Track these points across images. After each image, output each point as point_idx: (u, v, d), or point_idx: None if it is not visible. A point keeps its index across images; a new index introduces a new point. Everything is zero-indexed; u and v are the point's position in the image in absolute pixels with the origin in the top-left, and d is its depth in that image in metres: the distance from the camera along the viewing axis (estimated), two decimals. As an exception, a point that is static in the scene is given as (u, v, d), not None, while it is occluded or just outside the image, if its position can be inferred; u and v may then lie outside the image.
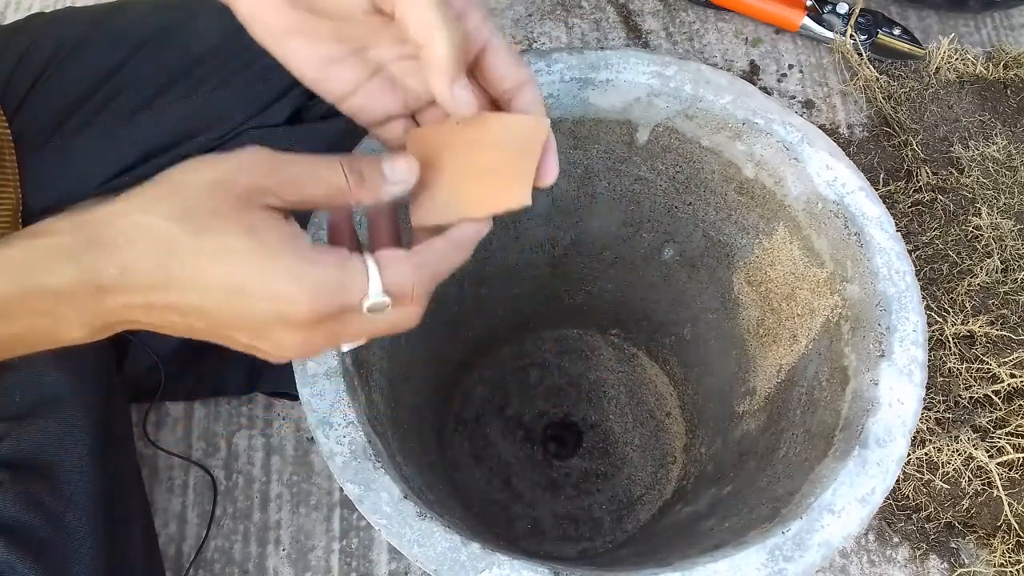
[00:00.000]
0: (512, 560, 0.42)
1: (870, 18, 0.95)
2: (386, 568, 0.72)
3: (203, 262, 0.33)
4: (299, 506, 0.74)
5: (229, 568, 0.72)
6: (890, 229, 0.52)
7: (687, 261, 0.67)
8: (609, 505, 0.75)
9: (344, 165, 0.35)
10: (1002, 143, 0.87)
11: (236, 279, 0.33)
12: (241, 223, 0.33)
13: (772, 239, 0.58)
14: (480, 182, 0.39)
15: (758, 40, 0.99)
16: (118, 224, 0.33)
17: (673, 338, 0.75)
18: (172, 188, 0.33)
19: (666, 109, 0.56)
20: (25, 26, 0.68)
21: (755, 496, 0.54)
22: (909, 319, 0.49)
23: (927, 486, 0.72)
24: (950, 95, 0.91)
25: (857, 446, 0.46)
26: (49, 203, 0.66)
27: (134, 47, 0.65)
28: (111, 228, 0.33)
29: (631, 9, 1.01)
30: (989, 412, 0.74)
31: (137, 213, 0.33)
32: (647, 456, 0.77)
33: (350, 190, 0.36)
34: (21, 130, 0.64)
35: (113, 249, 0.32)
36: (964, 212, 0.84)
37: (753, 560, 0.43)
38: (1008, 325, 0.77)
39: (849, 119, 0.94)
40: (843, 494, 0.45)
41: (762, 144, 0.55)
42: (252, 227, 0.33)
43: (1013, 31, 1.01)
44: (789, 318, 0.59)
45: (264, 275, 0.33)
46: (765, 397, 0.62)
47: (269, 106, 0.66)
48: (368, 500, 0.43)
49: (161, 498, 0.74)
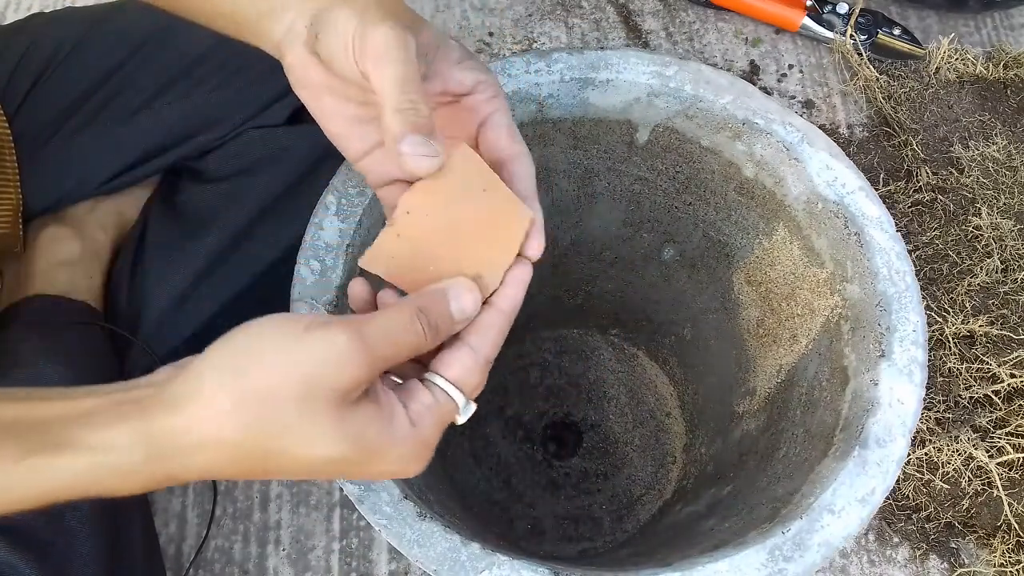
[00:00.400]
0: (512, 560, 0.42)
1: (870, 18, 0.95)
2: (386, 568, 0.72)
3: (290, 465, 0.33)
4: (299, 506, 0.74)
5: (229, 568, 0.72)
6: (890, 229, 0.52)
7: (687, 261, 0.67)
8: (609, 505, 0.76)
9: (424, 324, 0.35)
10: (1002, 143, 0.87)
11: (333, 473, 0.34)
12: (343, 434, 0.33)
13: (772, 239, 0.58)
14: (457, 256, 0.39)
15: (758, 40, 0.99)
16: (191, 439, 0.32)
17: (673, 338, 0.75)
18: (257, 398, 0.32)
19: (666, 109, 0.56)
20: (25, 26, 0.68)
21: (755, 496, 0.54)
22: (909, 319, 0.49)
23: (927, 486, 0.72)
24: (950, 95, 0.91)
25: (857, 446, 0.46)
26: (50, 203, 0.66)
27: (134, 47, 0.66)
28: (182, 441, 0.32)
29: (631, 9, 1.01)
30: (989, 412, 0.74)
31: (213, 429, 0.32)
32: (647, 456, 0.77)
33: (427, 344, 0.36)
34: (21, 130, 0.64)
35: (186, 460, 0.32)
36: (964, 212, 0.84)
37: (753, 560, 0.43)
38: (1008, 325, 0.77)
39: (849, 119, 0.94)
40: (843, 494, 0.45)
41: (762, 144, 0.55)
42: (355, 435, 0.33)
43: (1013, 31, 1.01)
44: (789, 318, 0.59)
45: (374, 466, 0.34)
46: (765, 397, 0.62)
47: (269, 106, 0.66)
48: (368, 500, 0.43)
49: (161, 498, 0.74)
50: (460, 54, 0.42)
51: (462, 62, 0.42)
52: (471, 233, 0.39)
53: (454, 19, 0.99)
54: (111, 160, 0.65)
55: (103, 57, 0.65)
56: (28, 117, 0.64)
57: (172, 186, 0.69)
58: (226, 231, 0.65)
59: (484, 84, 0.42)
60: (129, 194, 0.69)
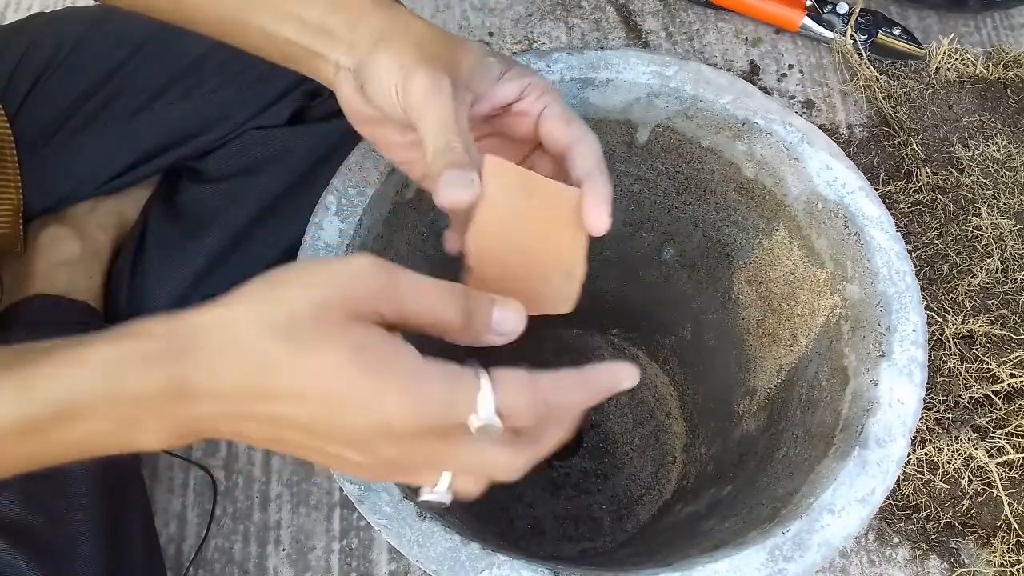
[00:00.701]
0: (512, 560, 0.42)
1: (870, 18, 0.95)
2: (386, 568, 0.72)
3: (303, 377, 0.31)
4: (299, 506, 0.74)
5: (229, 568, 0.72)
6: (890, 229, 0.52)
7: (687, 261, 0.67)
8: (609, 505, 0.76)
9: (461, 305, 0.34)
10: (1002, 143, 0.87)
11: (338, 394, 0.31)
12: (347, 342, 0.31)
13: (772, 239, 0.58)
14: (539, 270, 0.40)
15: (758, 40, 0.99)
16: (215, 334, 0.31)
17: (673, 338, 0.75)
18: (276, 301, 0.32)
19: (666, 109, 0.56)
20: (25, 26, 0.68)
21: (755, 496, 0.54)
22: (909, 319, 0.49)
23: (927, 486, 0.72)
24: (950, 95, 0.91)
25: (857, 446, 0.46)
26: (50, 203, 0.66)
27: (134, 47, 0.66)
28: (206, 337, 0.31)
29: (631, 9, 1.01)
30: (989, 412, 0.74)
31: (236, 324, 0.31)
32: (647, 456, 0.77)
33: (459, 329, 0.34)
34: (22, 130, 0.64)
35: (206, 357, 0.31)
36: (964, 212, 0.84)
37: (753, 560, 0.43)
38: (1008, 325, 0.77)
39: (849, 119, 0.94)
40: (843, 494, 0.45)
41: (762, 144, 0.55)
42: (358, 346, 0.31)
43: (1013, 31, 1.01)
44: (789, 318, 0.59)
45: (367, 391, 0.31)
46: (765, 397, 0.62)
47: (269, 107, 0.66)
48: (368, 500, 0.43)
49: (161, 498, 0.74)
50: (500, 68, 0.43)
51: (503, 76, 0.43)
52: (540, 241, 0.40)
53: (454, 19, 0.99)
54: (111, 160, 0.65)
55: (104, 57, 0.65)
56: (28, 117, 0.64)
57: (172, 186, 0.69)
58: (226, 231, 0.65)
59: (531, 87, 0.43)
60: (129, 194, 0.69)
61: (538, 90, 0.43)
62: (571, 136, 0.42)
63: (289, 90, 0.66)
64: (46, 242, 0.66)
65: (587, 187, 0.41)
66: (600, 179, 0.41)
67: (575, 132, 0.43)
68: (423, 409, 0.31)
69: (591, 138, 0.43)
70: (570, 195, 0.40)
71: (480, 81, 0.43)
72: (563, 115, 0.43)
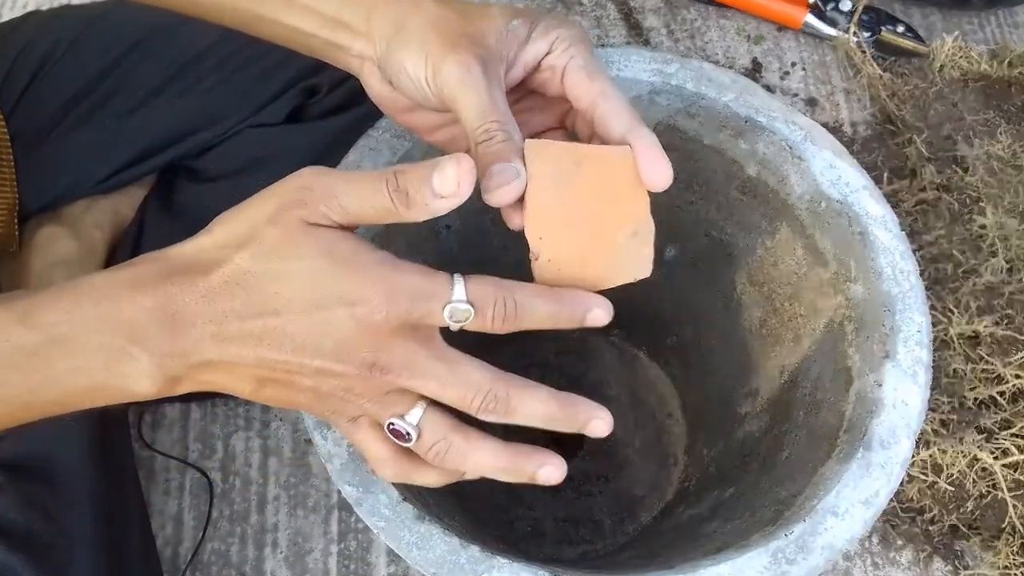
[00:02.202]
0: (512, 563, 0.42)
1: (873, 15, 0.95)
2: (384, 571, 0.72)
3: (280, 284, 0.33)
4: (296, 508, 0.74)
5: (226, 571, 0.71)
6: (894, 228, 0.51)
7: (689, 261, 0.67)
8: (610, 507, 0.75)
9: (388, 183, 0.34)
10: (1007, 141, 0.87)
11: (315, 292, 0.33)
12: (315, 246, 0.34)
13: (775, 238, 0.58)
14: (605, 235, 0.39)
15: (760, 37, 0.99)
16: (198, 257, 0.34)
17: (675, 339, 0.75)
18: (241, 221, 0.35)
19: (668, 107, 0.55)
20: (21, 24, 0.67)
21: (758, 498, 0.54)
22: (913, 319, 0.49)
23: (931, 488, 0.72)
24: (954, 93, 0.90)
25: (861, 448, 0.46)
26: (46, 202, 0.66)
27: (131, 45, 0.65)
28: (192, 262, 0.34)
29: (632, 6, 1.00)
30: (994, 413, 0.73)
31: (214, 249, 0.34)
32: (648, 458, 0.77)
33: (396, 210, 0.34)
34: (18, 129, 0.63)
35: (192, 277, 0.34)
36: (969, 211, 0.83)
37: (756, 563, 0.43)
38: (1013, 325, 0.76)
39: (852, 117, 0.94)
40: (847, 496, 0.45)
41: (765, 142, 0.54)
42: (327, 248, 0.34)
43: (1017, 28, 1.01)
44: (792, 318, 0.59)
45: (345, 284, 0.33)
46: (768, 398, 0.62)
47: (267, 104, 0.66)
48: (366, 502, 0.43)
49: (157, 500, 0.74)
50: (527, 29, 0.42)
51: (530, 35, 0.42)
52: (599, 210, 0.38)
53: (454, 17, 0.99)
54: (107, 158, 0.65)
55: (100, 55, 0.65)
56: (24, 115, 0.64)
57: (169, 185, 0.68)
58: (224, 230, 0.65)
59: (559, 40, 0.41)
60: (125, 193, 0.69)
61: (565, 42, 0.41)
62: (595, 91, 0.40)
63: (287, 88, 0.66)
64: (42, 241, 0.66)
65: (634, 142, 0.38)
66: (643, 130, 0.39)
67: (598, 86, 0.40)
68: (400, 293, 0.33)
69: (616, 92, 0.40)
70: (620, 155, 0.38)
71: (509, 46, 0.41)
72: (585, 67, 0.41)
